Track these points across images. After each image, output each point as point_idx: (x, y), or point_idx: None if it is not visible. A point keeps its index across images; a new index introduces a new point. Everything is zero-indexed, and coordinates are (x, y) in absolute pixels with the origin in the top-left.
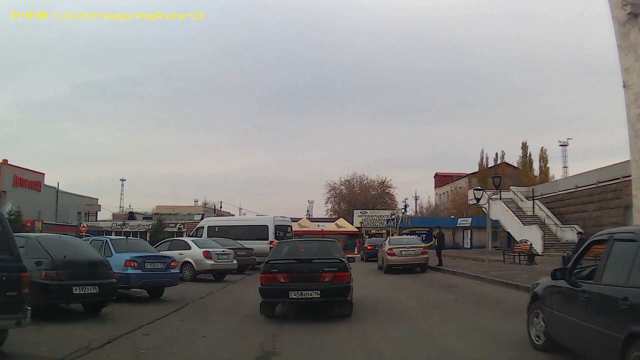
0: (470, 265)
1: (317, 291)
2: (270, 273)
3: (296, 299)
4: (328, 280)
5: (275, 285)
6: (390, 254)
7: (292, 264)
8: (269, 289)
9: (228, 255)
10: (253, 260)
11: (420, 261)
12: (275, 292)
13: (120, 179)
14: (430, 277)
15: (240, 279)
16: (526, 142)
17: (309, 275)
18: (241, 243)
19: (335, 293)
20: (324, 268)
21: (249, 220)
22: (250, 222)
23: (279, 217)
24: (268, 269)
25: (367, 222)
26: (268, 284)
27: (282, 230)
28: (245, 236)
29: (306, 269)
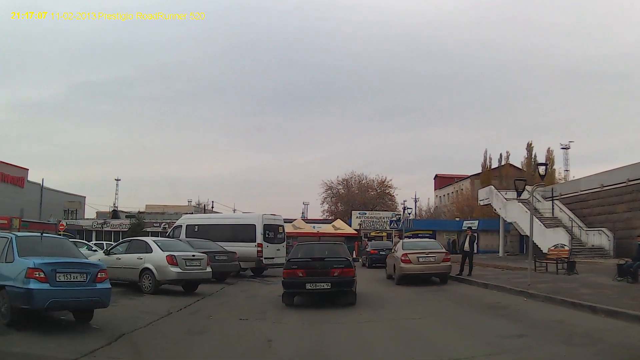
0: (498, 274)
1: (328, 283)
2: (291, 269)
3: (311, 290)
4: (337, 274)
5: (295, 279)
6: (405, 260)
7: (308, 261)
8: (290, 281)
9: (199, 260)
10: (236, 266)
11: (442, 270)
12: (294, 284)
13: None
14: (459, 292)
15: (218, 290)
16: (531, 143)
17: (321, 270)
18: (222, 245)
19: (343, 285)
20: (333, 265)
21: (234, 219)
22: (235, 220)
23: (268, 214)
24: (289, 266)
25: (367, 224)
26: (289, 277)
27: (272, 231)
28: (230, 237)
29: (319, 266)
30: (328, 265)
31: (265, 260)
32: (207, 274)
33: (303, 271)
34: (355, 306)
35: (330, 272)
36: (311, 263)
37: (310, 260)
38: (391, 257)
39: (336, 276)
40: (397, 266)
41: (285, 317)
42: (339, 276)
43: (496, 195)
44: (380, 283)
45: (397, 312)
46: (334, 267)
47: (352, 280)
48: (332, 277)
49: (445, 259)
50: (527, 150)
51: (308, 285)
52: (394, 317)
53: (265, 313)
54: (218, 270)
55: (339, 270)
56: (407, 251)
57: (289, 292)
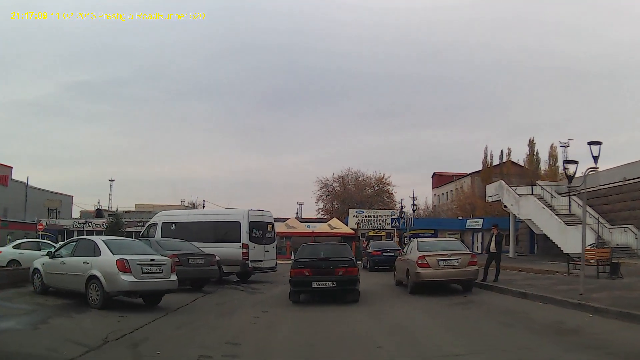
0: (528, 280)
1: (333, 282)
2: (298, 268)
3: (317, 288)
4: (341, 273)
5: (302, 277)
6: (423, 265)
7: (314, 261)
8: (297, 280)
9: (160, 266)
10: (215, 272)
11: (468, 276)
12: (301, 282)
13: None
14: (496, 305)
15: (188, 303)
16: (533, 139)
17: (326, 269)
18: (202, 246)
19: (347, 283)
20: (338, 264)
21: (216, 215)
22: (217, 217)
23: (255, 210)
24: (296, 265)
25: (364, 222)
26: (296, 276)
27: (259, 229)
28: (211, 236)
29: (324, 265)
30: (333, 264)
31: (251, 264)
32: (171, 283)
33: (309, 270)
34: (369, 333)
35: (335, 271)
36: (317, 263)
37: (316, 260)
38: (402, 260)
39: (341, 275)
40: (412, 271)
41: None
42: (344, 275)
43: (507, 191)
44: (389, 291)
45: (429, 341)
46: (338, 267)
47: (356, 278)
48: (337, 275)
49: (471, 262)
50: (529, 146)
51: (314, 284)
52: (429, 353)
53: (240, 345)
54: (192, 277)
55: (343, 270)
56: (424, 253)
57: (296, 290)
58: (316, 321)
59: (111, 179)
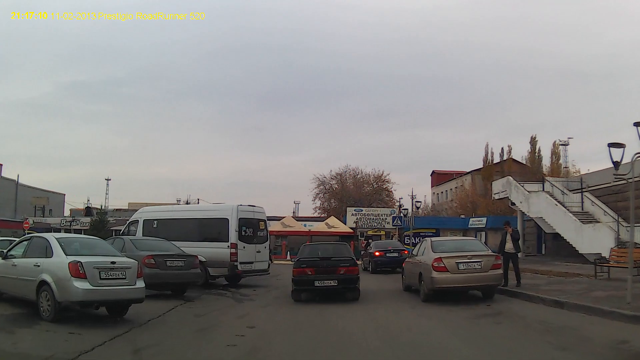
0: (553, 284)
1: (335, 280)
2: (301, 268)
3: (320, 287)
4: (343, 272)
5: (305, 277)
6: (439, 268)
7: (317, 260)
8: (300, 279)
9: (124, 270)
10: (197, 275)
11: (491, 282)
12: (304, 281)
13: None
14: (533, 318)
15: (162, 314)
16: (535, 137)
17: (329, 269)
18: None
19: (348, 282)
20: (340, 264)
21: (202, 211)
22: (202, 213)
23: (245, 205)
24: (299, 265)
25: (363, 221)
26: (299, 275)
27: (250, 226)
28: (196, 235)
29: (327, 265)
30: (335, 264)
31: (240, 266)
32: (135, 291)
33: (312, 269)
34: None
35: (337, 270)
36: (319, 262)
37: (318, 259)
38: (413, 262)
39: (342, 274)
40: (426, 276)
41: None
42: (345, 274)
43: (516, 188)
44: (398, 298)
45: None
46: (340, 266)
47: (357, 277)
48: (338, 274)
49: (495, 265)
50: (531, 144)
51: (317, 283)
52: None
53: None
54: (170, 281)
55: (345, 269)
56: (440, 254)
57: (298, 289)
58: (313, 344)
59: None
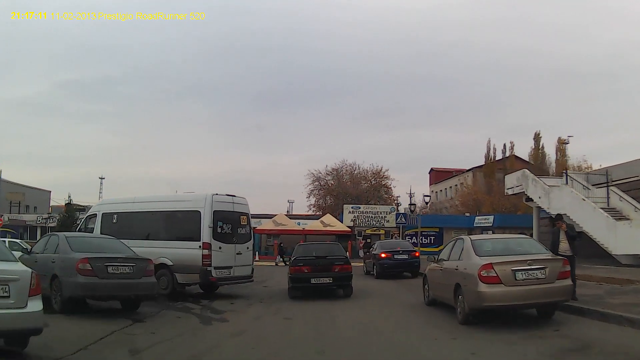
0: (619, 295)
1: (330, 278)
2: (297, 266)
3: (315, 284)
4: (337, 270)
5: (301, 274)
6: (489, 279)
7: (312, 259)
8: (296, 277)
9: (4, 287)
10: (149, 286)
11: (560, 296)
12: (301, 279)
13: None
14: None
15: (88, 345)
16: (539, 133)
17: (324, 267)
18: (145, 245)
19: (342, 279)
20: (334, 262)
21: (169, 202)
22: (170, 204)
23: (222, 195)
24: (296, 263)
25: (361, 219)
26: (296, 273)
27: (228, 222)
28: (162, 232)
29: (322, 263)
30: (330, 262)
31: (215, 272)
32: (22, 318)
33: (308, 268)
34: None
35: (332, 268)
36: (315, 260)
37: (314, 258)
38: (443, 270)
39: (337, 272)
40: (469, 290)
41: None
42: (340, 272)
43: (533, 182)
44: (423, 318)
45: None
46: (335, 264)
47: (351, 275)
48: (333, 272)
49: (562, 272)
50: (535, 140)
51: (313, 280)
52: None
53: None
54: (112, 294)
55: (339, 267)
56: (489, 259)
57: (295, 287)
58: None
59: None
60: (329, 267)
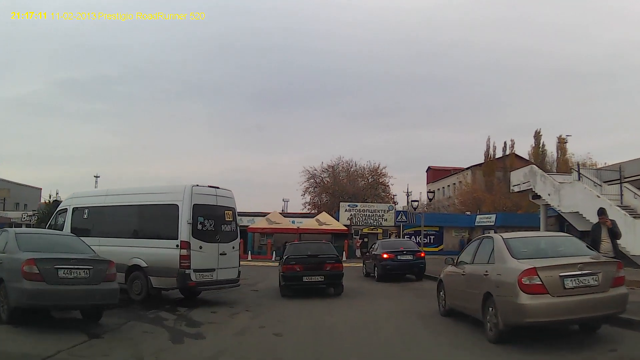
0: None
1: (322, 276)
2: (290, 264)
3: (307, 282)
4: (329, 269)
5: (293, 273)
6: (533, 288)
7: (305, 258)
8: (289, 275)
9: None
10: (110, 294)
11: (615, 308)
12: (293, 277)
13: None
14: None
15: None
16: (539, 131)
17: (316, 265)
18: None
19: (334, 278)
20: (326, 260)
21: (144, 194)
22: (144, 197)
23: (203, 187)
24: (288, 262)
25: (358, 218)
26: (288, 271)
27: (211, 217)
28: (135, 228)
29: (314, 261)
30: (321, 261)
31: (195, 275)
32: None
33: (300, 266)
34: None
35: (323, 266)
36: (307, 259)
37: (306, 256)
38: (465, 275)
39: (328, 270)
40: (506, 301)
41: None
42: (331, 270)
43: (542, 178)
44: (441, 333)
45: None
46: (327, 262)
47: (342, 274)
48: (325, 271)
49: (617, 279)
50: (535, 138)
51: (305, 278)
52: None
53: None
54: (64, 303)
55: (331, 265)
56: (532, 263)
57: (288, 285)
58: None
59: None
60: (320, 266)
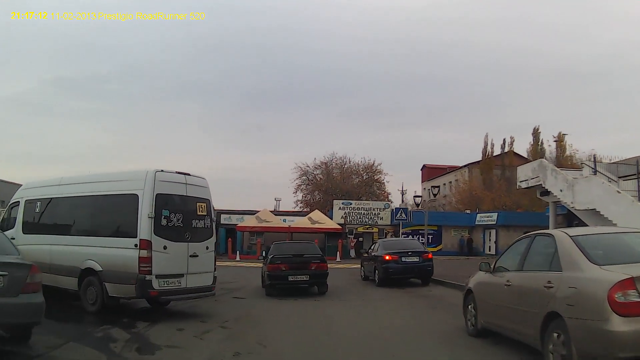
0: None
1: (307, 275)
2: (275, 264)
3: (293, 281)
4: (314, 268)
5: (279, 272)
6: (632, 309)
7: (290, 257)
8: (274, 274)
9: None
10: (33, 309)
11: None
12: (279, 276)
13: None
14: None
15: None
16: (538, 128)
17: (301, 265)
18: (65, 242)
19: (319, 277)
20: (311, 260)
21: (101, 182)
22: (102, 187)
23: (169, 173)
24: (274, 261)
25: (352, 216)
26: (274, 271)
27: (179, 210)
28: (87, 224)
29: (299, 261)
30: (307, 260)
31: (158, 282)
32: None
33: (286, 265)
34: None
35: (309, 265)
36: (293, 258)
37: (291, 256)
38: (511, 287)
39: (314, 269)
40: (583, 326)
41: None
42: (316, 269)
43: (553, 173)
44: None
45: None
46: (312, 262)
47: (327, 273)
48: (310, 270)
49: None
50: (534, 135)
51: (290, 277)
52: None
53: None
54: None
55: (316, 265)
56: (629, 272)
57: (273, 284)
58: None
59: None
60: (306, 265)
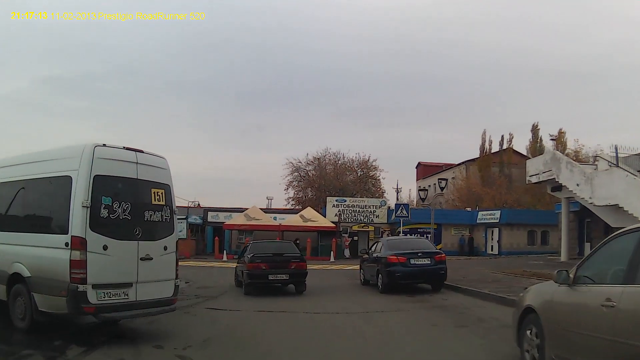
0: None
1: (287, 275)
2: (255, 262)
3: (273, 280)
4: (294, 267)
5: (259, 271)
6: None
7: (270, 256)
8: (254, 273)
9: None
10: None
11: None
12: (259, 275)
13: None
14: None
15: None
16: (537, 125)
17: (281, 264)
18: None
19: (298, 276)
20: (291, 259)
21: (30, 164)
22: (32, 168)
23: (112, 149)
24: (254, 260)
25: (346, 214)
26: (254, 270)
27: (124, 198)
28: (18, 216)
29: (279, 260)
30: (286, 259)
31: (97, 294)
32: None
33: (266, 264)
34: None
35: (288, 265)
36: (273, 257)
37: (271, 255)
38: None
39: (293, 269)
40: None
41: None
42: (296, 269)
43: (569, 165)
44: None
45: None
46: (291, 261)
47: (306, 272)
48: (290, 269)
49: None
50: (532, 132)
51: (270, 276)
52: None
53: None
54: None
55: (295, 264)
56: None
57: (253, 282)
58: None
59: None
60: (285, 264)
